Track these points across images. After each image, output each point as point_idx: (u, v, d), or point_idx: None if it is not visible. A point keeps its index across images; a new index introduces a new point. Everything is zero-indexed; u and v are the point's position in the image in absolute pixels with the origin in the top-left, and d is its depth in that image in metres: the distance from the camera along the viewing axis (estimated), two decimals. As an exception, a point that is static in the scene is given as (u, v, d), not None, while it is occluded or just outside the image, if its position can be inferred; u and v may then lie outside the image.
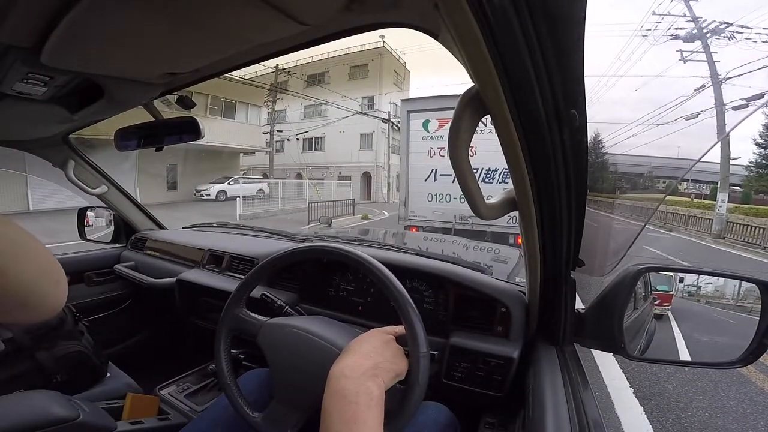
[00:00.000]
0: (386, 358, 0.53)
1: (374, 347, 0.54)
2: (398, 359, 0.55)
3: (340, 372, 0.48)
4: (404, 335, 0.59)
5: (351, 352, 0.53)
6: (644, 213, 8.31)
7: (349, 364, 0.49)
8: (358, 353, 0.52)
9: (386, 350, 0.54)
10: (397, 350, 0.56)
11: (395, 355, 0.55)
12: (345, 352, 0.53)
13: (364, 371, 0.48)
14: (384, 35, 18.12)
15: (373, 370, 0.49)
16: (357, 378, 0.47)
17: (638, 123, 17.21)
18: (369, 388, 0.46)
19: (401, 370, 0.55)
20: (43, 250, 0.33)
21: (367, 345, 0.54)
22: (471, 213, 0.55)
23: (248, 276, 0.73)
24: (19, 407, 0.70)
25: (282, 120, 19.62)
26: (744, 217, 11.93)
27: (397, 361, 0.54)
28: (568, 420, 0.50)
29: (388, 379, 0.51)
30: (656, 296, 0.90)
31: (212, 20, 0.51)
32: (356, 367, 0.49)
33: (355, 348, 0.53)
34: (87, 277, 1.47)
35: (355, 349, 0.53)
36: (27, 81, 0.67)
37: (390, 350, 0.55)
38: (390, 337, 0.58)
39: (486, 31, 0.32)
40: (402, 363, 0.55)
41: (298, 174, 19.14)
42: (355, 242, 1.35)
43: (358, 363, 0.50)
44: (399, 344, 0.58)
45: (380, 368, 0.50)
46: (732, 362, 0.67)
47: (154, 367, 1.34)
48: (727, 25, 12.34)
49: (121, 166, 10.27)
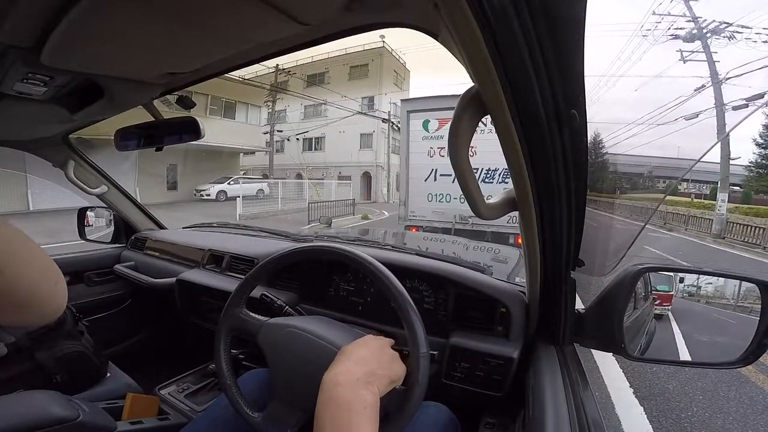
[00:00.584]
0: (381, 364, 0.52)
1: (369, 353, 0.53)
2: (394, 364, 0.54)
3: (333, 379, 0.47)
4: (403, 337, 0.59)
5: (345, 358, 0.51)
6: (644, 213, 8.32)
7: (342, 371, 0.48)
8: (352, 359, 0.51)
9: (381, 356, 0.53)
10: (393, 355, 0.56)
11: (391, 361, 0.54)
12: (339, 358, 0.52)
13: (358, 378, 0.47)
14: (384, 35, 18.13)
15: (367, 377, 0.48)
16: (350, 385, 0.46)
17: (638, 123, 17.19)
18: (363, 396, 0.45)
19: (397, 375, 0.54)
20: (39, 251, 0.32)
21: (362, 351, 0.53)
22: (471, 213, 0.55)
23: (248, 276, 0.73)
24: (19, 407, 0.70)
25: (282, 120, 19.64)
26: (744, 217, 11.93)
27: (393, 367, 0.53)
28: (568, 420, 0.50)
29: (383, 385, 0.50)
30: (656, 296, 0.90)
31: (212, 20, 0.51)
32: (350, 374, 0.48)
33: (349, 354, 0.52)
34: (87, 277, 1.47)
35: (349, 355, 0.52)
36: (27, 81, 0.67)
37: (385, 356, 0.54)
38: (386, 342, 0.57)
39: (486, 31, 0.32)
40: (398, 368, 0.54)
41: (298, 174, 19.14)
42: (355, 242, 1.35)
43: (352, 370, 0.48)
44: (399, 345, 0.58)
45: (375, 375, 0.49)
46: (732, 362, 0.67)
47: (154, 367, 1.34)
48: (727, 25, 12.35)
49: (121, 166, 10.27)
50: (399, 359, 0.56)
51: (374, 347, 0.54)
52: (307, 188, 15.93)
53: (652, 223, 13.63)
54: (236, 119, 16.09)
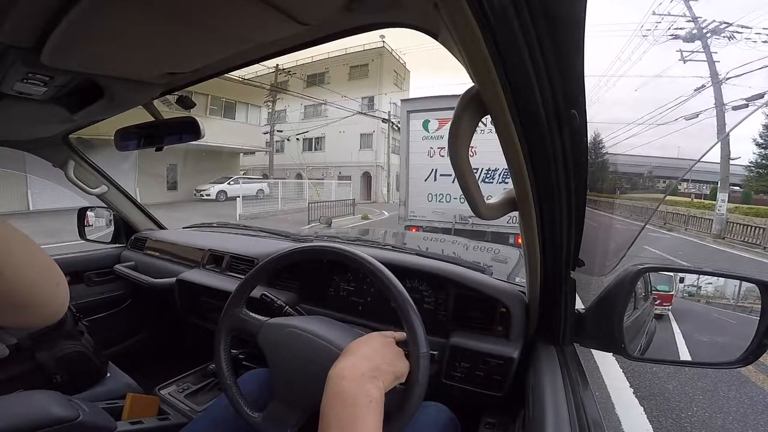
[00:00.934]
0: (386, 360, 0.53)
1: (374, 349, 0.54)
2: (398, 361, 0.55)
3: (338, 374, 0.48)
4: (405, 336, 0.59)
5: (350, 353, 0.52)
6: (644, 213, 8.31)
7: (348, 366, 0.49)
8: (358, 355, 0.52)
9: (386, 352, 0.54)
10: (398, 352, 0.56)
11: (395, 357, 0.55)
12: (344, 354, 0.53)
13: (363, 373, 0.48)
14: (384, 35, 18.13)
15: (372, 372, 0.49)
16: (356, 380, 0.47)
17: (638, 123, 17.19)
18: (368, 390, 0.46)
19: (401, 372, 0.54)
20: (39, 251, 0.32)
21: (367, 347, 0.54)
22: (471, 213, 0.55)
23: (248, 276, 0.73)
24: (19, 407, 0.70)
25: (282, 120, 19.63)
26: (744, 217, 11.92)
27: (397, 363, 0.54)
28: (568, 420, 0.50)
29: (388, 381, 0.51)
30: (656, 296, 0.90)
31: (212, 20, 0.51)
32: (355, 368, 0.49)
33: (355, 350, 0.53)
34: (87, 277, 1.47)
35: (355, 350, 0.53)
36: (27, 81, 0.67)
37: (390, 352, 0.55)
38: (390, 340, 0.58)
39: (486, 31, 0.32)
40: (402, 365, 0.55)
41: (298, 174, 19.14)
42: (355, 242, 1.35)
43: (357, 365, 0.49)
44: (399, 345, 0.58)
45: (380, 370, 0.50)
46: (732, 362, 0.67)
47: (154, 367, 1.34)
48: (727, 25, 12.35)
49: (121, 166, 10.27)
50: (403, 356, 0.57)
51: (379, 344, 0.55)
52: (307, 188, 15.94)
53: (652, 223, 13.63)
54: (236, 119, 16.09)
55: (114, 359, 1.23)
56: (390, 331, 0.61)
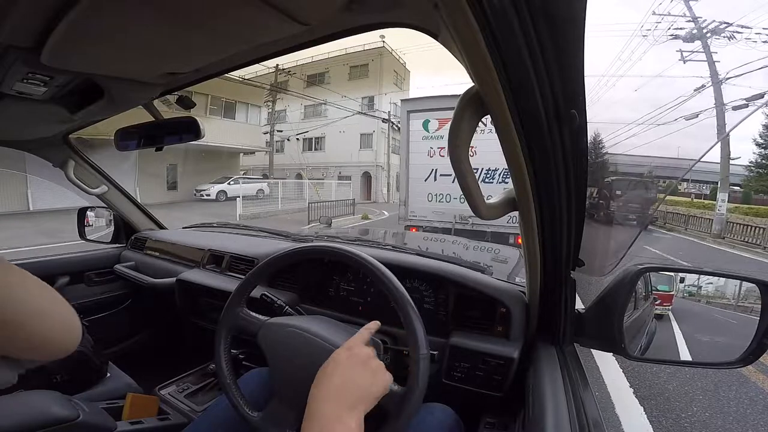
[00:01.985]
0: (364, 383, 0.50)
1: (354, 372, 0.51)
2: (378, 378, 0.53)
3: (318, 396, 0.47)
4: (402, 336, 0.58)
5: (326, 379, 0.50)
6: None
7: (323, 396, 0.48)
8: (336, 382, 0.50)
9: (364, 374, 0.52)
10: (377, 368, 0.53)
11: (375, 375, 0.52)
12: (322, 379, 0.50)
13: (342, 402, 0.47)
14: (384, 35, 18.12)
15: (350, 401, 0.47)
16: (333, 410, 0.46)
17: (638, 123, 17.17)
18: (346, 423, 0.45)
19: (381, 390, 0.52)
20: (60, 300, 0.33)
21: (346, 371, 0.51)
22: (471, 213, 0.55)
23: (248, 276, 0.73)
24: (19, 407, 0.70)
25: (282, 120, 19.64)
26: (744, 217, 11.94)
27: (377, 382, 0.52)
28: (568, 420, 0.50)
29: (369, 405, 0.49)
30: (657, 296, 0.90)
31: (212, 20, 0.50)
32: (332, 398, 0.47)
33: (331, 373, 0.51)
34: (87, 277, 1.47)
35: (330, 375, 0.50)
36: (27, 81, 0.67)
37: (368, 372, 0.52)
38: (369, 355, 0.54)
39: (486, 31, 0.32)
40: (382, 381, 0.53)
41: (298, 174, 19.13)
42: (355, 242, 1.35)
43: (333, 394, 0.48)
44: (399, 345, 0.58)
45: (359, 398, 0.49)
46: (732, 362, 0.67)
47: (154, 367, 1.34)
48: (727, 25, 12.33)
49: (121, 166, 10.26)
50: (383, 369, 0.54)
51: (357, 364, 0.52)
52: (307, 188, 15.93)
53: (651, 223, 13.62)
54: (236, 119, 16.08)
55: (114, 359, 1.23)
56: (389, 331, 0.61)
